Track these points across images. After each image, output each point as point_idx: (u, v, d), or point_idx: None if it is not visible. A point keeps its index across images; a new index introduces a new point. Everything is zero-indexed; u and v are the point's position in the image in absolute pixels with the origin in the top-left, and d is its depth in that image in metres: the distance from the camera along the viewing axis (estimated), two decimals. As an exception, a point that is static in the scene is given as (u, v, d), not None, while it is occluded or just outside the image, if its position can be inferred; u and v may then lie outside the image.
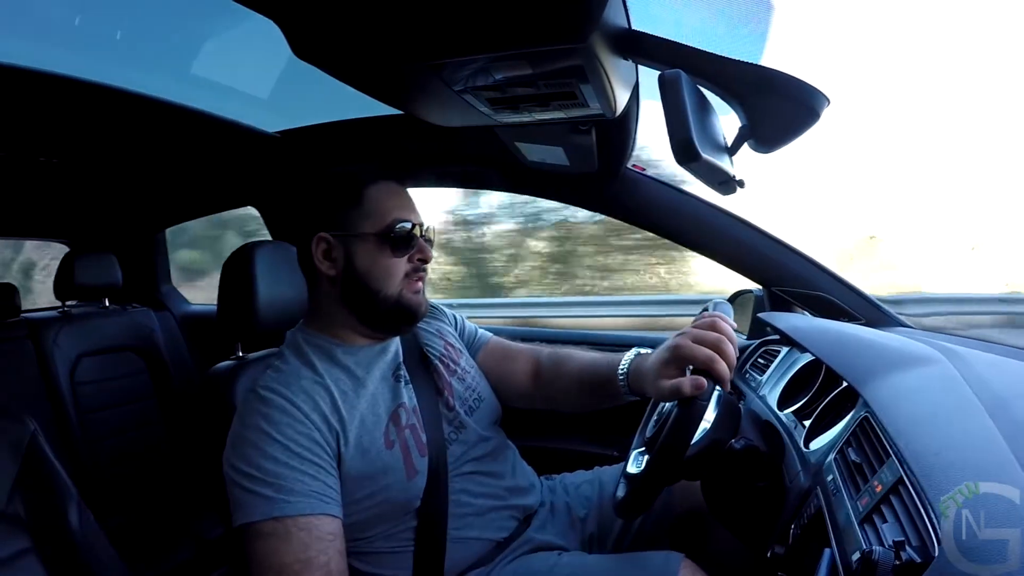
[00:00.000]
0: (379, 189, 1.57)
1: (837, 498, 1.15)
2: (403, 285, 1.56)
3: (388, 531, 1.52)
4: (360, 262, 1.55)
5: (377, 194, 1.56)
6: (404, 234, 1.55)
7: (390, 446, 1.50)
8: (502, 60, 1.35)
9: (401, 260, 1.55)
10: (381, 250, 1.54)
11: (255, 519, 1.31)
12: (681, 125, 1.15)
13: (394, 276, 1.55)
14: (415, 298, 1.59)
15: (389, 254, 1.54)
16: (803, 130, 1.34)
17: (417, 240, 1.58)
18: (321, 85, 1.66)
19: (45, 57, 1.87)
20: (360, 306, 1.59)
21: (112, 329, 3.33)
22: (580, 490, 1.88)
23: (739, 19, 1.48)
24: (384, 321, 1.61)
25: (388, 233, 1.53)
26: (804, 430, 1.57)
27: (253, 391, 1.47)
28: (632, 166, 2.36)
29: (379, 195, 1.56)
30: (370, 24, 1.29)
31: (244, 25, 1.84)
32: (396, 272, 1.55)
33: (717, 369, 1.25)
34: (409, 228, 1.56)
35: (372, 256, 1.54)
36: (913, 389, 1.29)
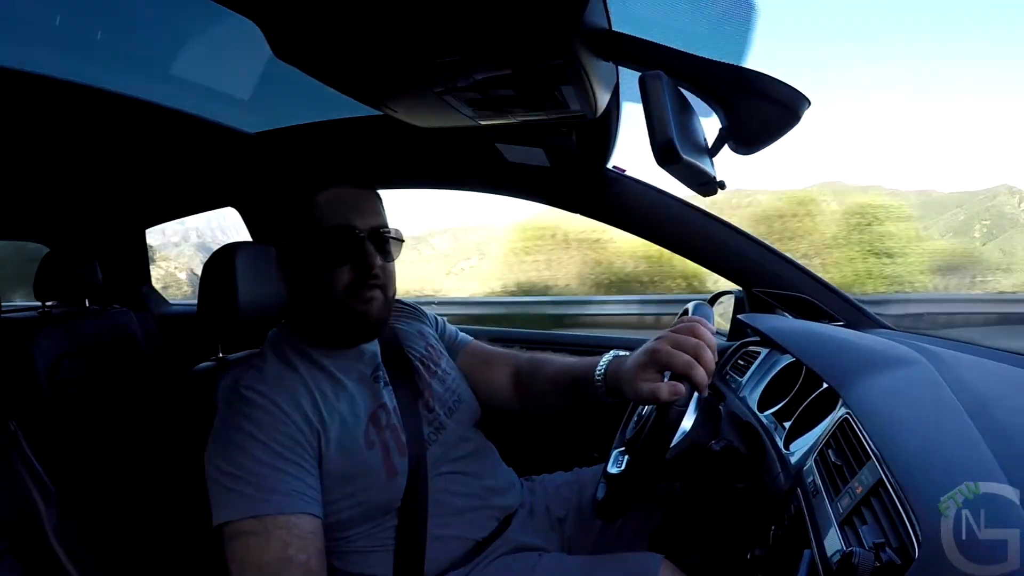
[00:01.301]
0: (330, 195, 1.55)
1: (817, 500, 1.15)
2: (347, 295, 1.53)
3: (369, 530, 1.52)
4: (306, 271, 1.55)
5: (325, 201, 1.54)
6: (342, 243, 1.52)
7: (370, 446, 1.50)
8: (482, 61, 1.34)
9: (342, 270, 1.52)
10: (320, 259, 1.52)
11: (235, 517, 1.30)
12: (662, 126, 1.15)
13: (335, 287, 1.52)
14: (364, 307, 1.55)
15: (327, 263, 1.52)
16: (784, 131, 1.34)
17: (361, 247, 1.54)
18: (301, 86, 1.66)
19: (24, 57, 1.86)
20: (311, 313, 1.60)
21: (93, 329, 3.30)
22: (560, 491, 1.88)
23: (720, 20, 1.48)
24: (337, 331, 1.61)
25: (325, 241, 1.51)
26: (784, 432, 1.58)
27: (235, 391, 1.47)
28: (613, 167, 2.36)
29: (327, 202, 1.54)
30: (351, 25, 1.28)
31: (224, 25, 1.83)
32: (336, 282, 1.52)
33: (695, 375, 1.25)
34: (349, 236, 1.52)
35: (314, 266, 1.53)
36: (893, 391, 1.29)
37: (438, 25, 1.24)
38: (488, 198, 4.53)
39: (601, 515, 1.42)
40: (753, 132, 1.35)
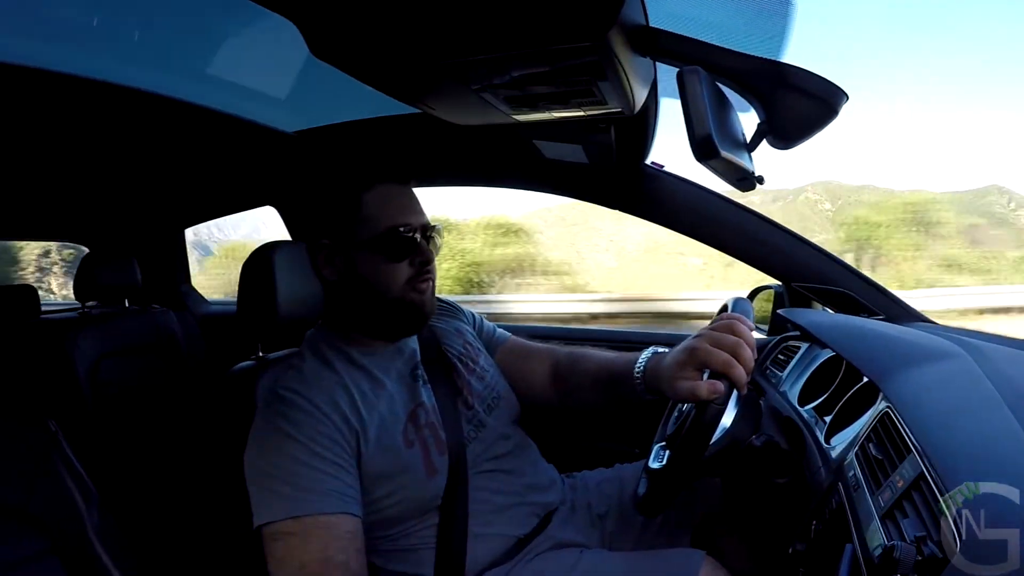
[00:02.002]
0: (376, 194, 1.56)
1: (858, 494, 1.14)
2: (406, 290, 1.57)
3: (409, 529, 1.52)
4: (360, 269, 1.56)
5: (374, 200, 1.56)
6: (402, 240, 1.55)
7: (409, 445, 1.51)
8: (520, 58, 1.35)
9: (401, 265, 1.56)
10: (379, 257, 1.54)
11: (275, 518, 1.32)
12: (700, 122, 1.15)
13: (395, 282, 1.56)
14: (419, 298, 1.59)
15: (388, 261, 1.54)
16: (822, 126, 1.34)
17: (417, 244, 1.57)
18: (339, 84, 1.67)
19: (63, 59, 1.88)
20: (365, 310, 1.60)
21: (132, 330, 3.33)
22: (601, 487, 1.87)
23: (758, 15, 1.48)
24: (390, 324, 1.63)
25: (386, 240, 1.53)
26: (825, 426, 1.57)
27: (273, 391, 1.48)
28: (651, 163, 2.36)
29: (376, 200, 1.56)
30: (388, 23, 1.29)
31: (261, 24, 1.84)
32: (397, 278, 1.56)
33: (734, 374, 1.25)
34: (407, 233, 1.55)
35: (371, 263, 1.55)
36: (934, 384, 1.28)
37: (475, 22, 1.24)
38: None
39: (642, 511, 1.42)
40: (791, 127, 1.35)
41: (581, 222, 28.19)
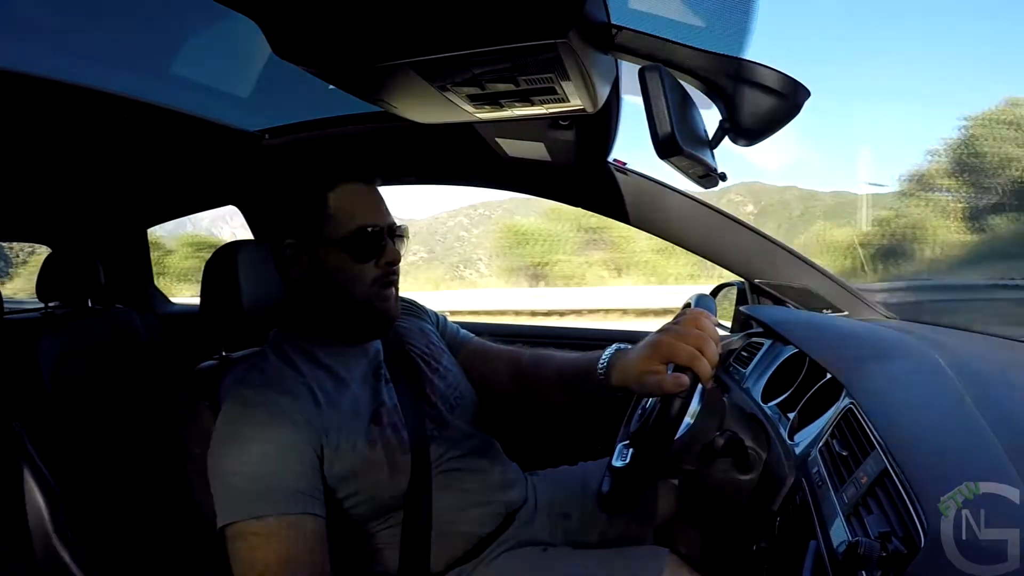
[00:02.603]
0: (343, 193, 1.56)
1: (822, 490, 1.15)
2: (372, 291, 1.56)
3: (373, 528, 1.52)
4: (327, 269, 1.55)
5: (340, 199, 1.55)
6: (369, 240, 1.54)
7: (372, 445, 1.50)
8: (481, 56, 1.34)
9: (368, 265, 1.55)
10: (347, 257, 1.53)
11: (239, 518, 1.30)
12: (662, 119, 1.15)
13: (362, 282, 1.55)
14: (384, 304, 1.58)
15: (355, 261, 1.54)
16: (784, 122, 1.34)
17: (384, 244, 1.57)
18: (301, 83, 1.66)
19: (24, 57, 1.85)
20: (330, 311, 1.59)
21: (95, 329, 3.30)
22: (564, 485, 1.87)
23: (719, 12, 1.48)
24: (355, 327, 1.62)
25: (352, 240, 1.52)
26: (788, 423, 1.58)
27: (237, 391, 1.46)
28: (614, 160, 2.36)
29: (342, 200, 1.55)
30: (349, 22, 1.28)
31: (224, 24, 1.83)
32: (364, 278, 1.55)
33: (699, 367, 1.24)
34: (374, 233, 1.54)
35: (337, 263, 1.54)
36: (897, 380, 1.29)
37: (436, 19, 1.24)
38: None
39: (606, 509, 1.42)
40: (753, 123, 1.35)
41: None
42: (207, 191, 3.50)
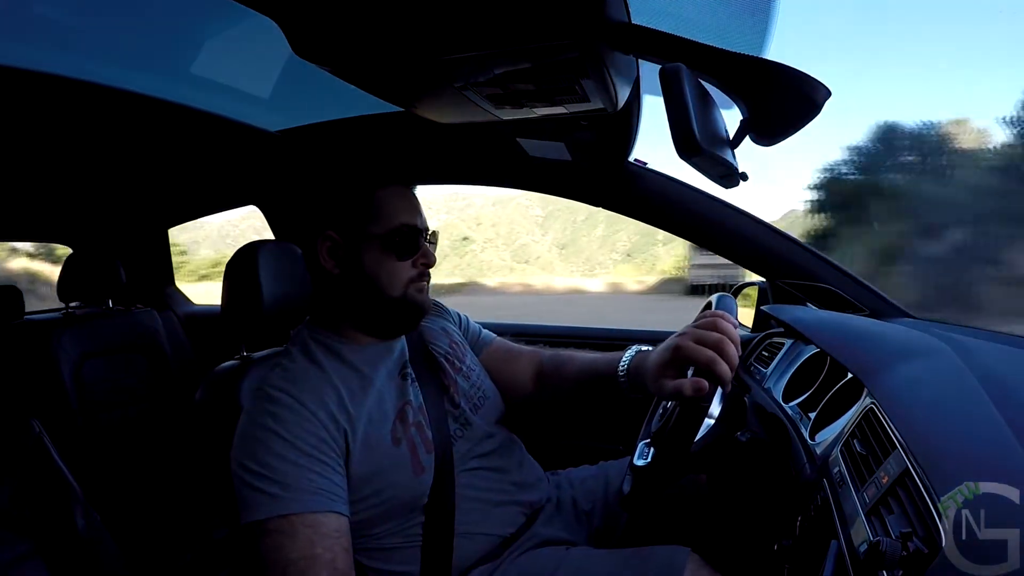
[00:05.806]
0: (388, 192, 1.58)
1: (843, 490, 1.15)
2: (407, 288, 1.58)
3: (396, 527, 1.52)
4: (366, 263, 1.55)
5: (386, 197, 1.57)
6: (410, 239, 1.56)
7: (397, 443, 1.50)
8: (503, 56, 1.34)
9: (406, 264, 1.57)
10: (387, 253, 1.55)
11: (262, 517, 1.31)
12: (683, 119, 1.15)
13: (399, 279, 1.57)
14: (419, 297, 1.60)
15: (395, 258, 1.56)
16: (805, 122, 1.34)
17: (422, 245, 1.59)
18: (322, 83, 1.66)
19: (46, 59, 1.87)
20: (364, 306, 1.60)
21: (116, 330, 3.33)
22: (586, 484, 1.88)
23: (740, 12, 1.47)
24: (388, 321, 1.63)
25: (395, 237, 1.54)
26: (810, 422, 1.57)
27: (260, 390, 1.47)
28: (634, 160, 2.36)
29: (388, 198, 1.57)
30: (370, 21, 1.28)
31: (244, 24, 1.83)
32: (401, 275, 1.57)
33: (718, 371, 1.24)
34: (415, 233, 1.57)
35: (378, 258, 1.55)
36: (918, 380, 1.29)
37: (457, 20, 1.24)
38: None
39: (627, 508, 1.42)
40: (774, 123, 1.35)
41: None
42: (228, 191, 3.52)
